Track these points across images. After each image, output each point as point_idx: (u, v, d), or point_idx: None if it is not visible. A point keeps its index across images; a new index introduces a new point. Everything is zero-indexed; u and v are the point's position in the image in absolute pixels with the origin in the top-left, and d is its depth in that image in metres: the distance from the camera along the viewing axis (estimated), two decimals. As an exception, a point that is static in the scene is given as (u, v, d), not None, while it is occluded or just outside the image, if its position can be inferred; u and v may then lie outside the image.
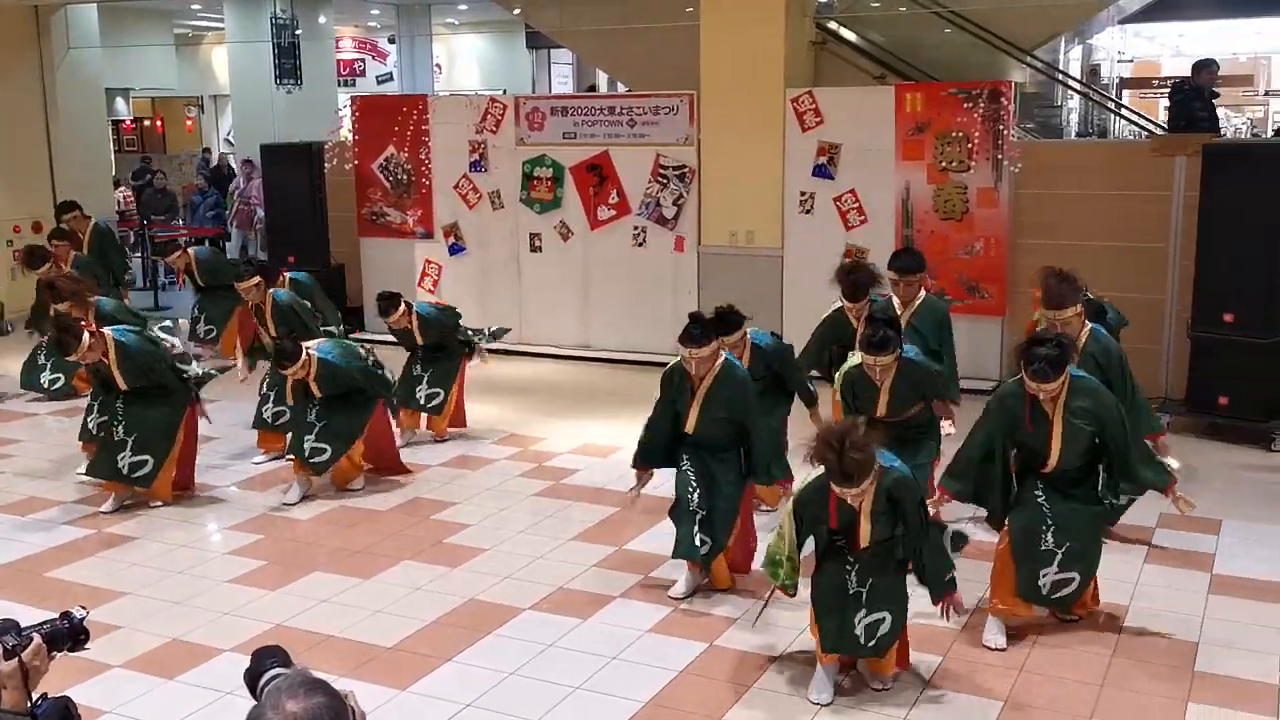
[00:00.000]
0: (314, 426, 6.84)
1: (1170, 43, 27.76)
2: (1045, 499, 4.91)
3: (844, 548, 4.51)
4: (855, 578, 4.43)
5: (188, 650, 4.98)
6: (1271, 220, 7.53)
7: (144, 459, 6.67)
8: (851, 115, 9.40)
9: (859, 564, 4.45)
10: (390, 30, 23.68)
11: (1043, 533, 4.87)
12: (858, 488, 4.21)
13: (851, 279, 6.61)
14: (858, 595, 4.43)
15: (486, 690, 4.60)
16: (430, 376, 7.92)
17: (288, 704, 2.03)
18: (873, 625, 4.44)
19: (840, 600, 4.45)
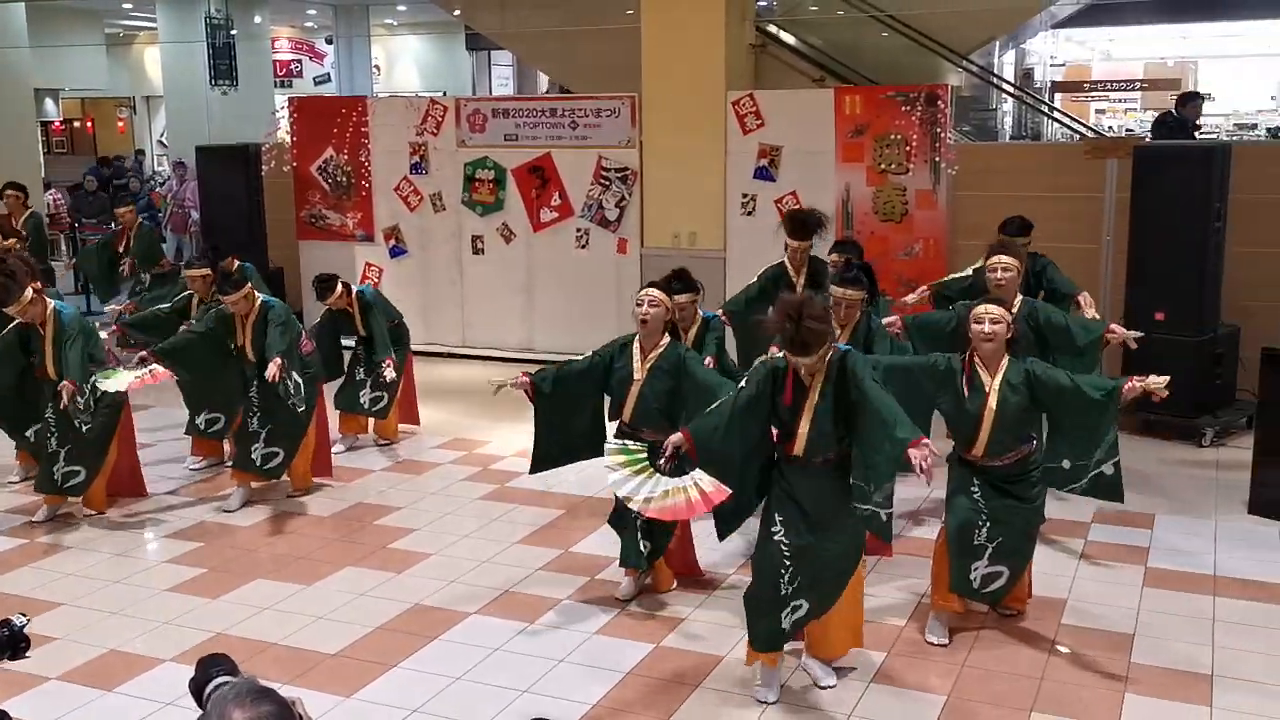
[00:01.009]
0: (259, 434, 6.74)
1: (1100, 47, 28.35)
2: (981, 495, 4.96)
3: (782, 475, 4.49)
4: (788, 570, 4.42)
5: (127, 661, 4.89)
6: (1200, 221, 7.71)
7: (76, 469, 6.53)
8: (792, 118, 9.47)
9: (793, 551, 4.41)
10: (327, 31, 23.46)
11: (977, 528, 4.93)
12: (812, 358, 4.26)
13: (799, 217, 6.76)
14: (789, 594, 4.44)
15: (433, 696, 4.57)
16: (374, 381, 7.84)
17: (234, 713, 2.01)
18: (798, 615, 4.49)
19: (773, 602, 4.46)
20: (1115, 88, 26.24)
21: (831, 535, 4.45)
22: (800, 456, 4.44)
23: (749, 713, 4.44)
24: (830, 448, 4.42)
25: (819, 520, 4.43)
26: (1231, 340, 7.99)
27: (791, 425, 4.43)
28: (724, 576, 5.70)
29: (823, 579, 4.48)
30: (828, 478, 4.44)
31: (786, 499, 4.48)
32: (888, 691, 4.58)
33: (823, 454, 4.43)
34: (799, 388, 4.40)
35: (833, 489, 4.44)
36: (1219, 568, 5.76)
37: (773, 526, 4.47)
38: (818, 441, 4.41)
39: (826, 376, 4.37)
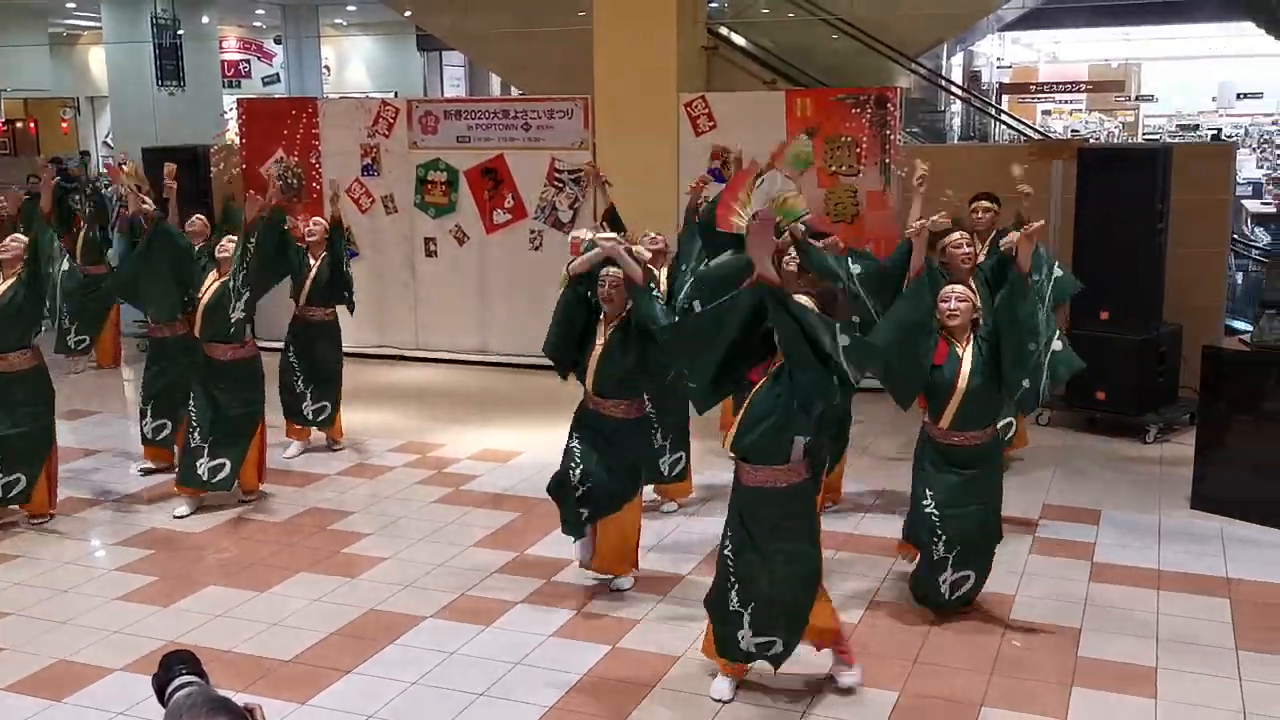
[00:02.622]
0: (202, 449, 6.64)
1: (1046, 50, 28.78)
2: (938, 501, 5.05)
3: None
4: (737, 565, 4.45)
5: (77, 670, 4.83)
6: (1143, 221, 7.86)
7: (16, 477, 6.42)
8: (744, 120, 9.52)
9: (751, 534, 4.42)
10: (276, 31, 23.25)
11: (933, 545, 5.05)
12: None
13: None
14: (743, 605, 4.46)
15: (389, 701, 4.56)
16: (314, 391, 7.80)
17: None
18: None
19: (724, 610, 4.51)
20: (1061, 90, 26.63)
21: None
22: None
23: (705, 712, 4.47)
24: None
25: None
26: (1174, 339, 8.15)
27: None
28: (679, 576, 5.73)
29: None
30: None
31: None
32: (840, 688, 4.62)
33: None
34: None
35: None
36: (1163, 562, 5.88)
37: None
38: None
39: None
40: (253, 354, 6.86)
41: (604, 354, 5.35)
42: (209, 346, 6.74)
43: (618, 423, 5.43)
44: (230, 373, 6.73)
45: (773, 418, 4.20)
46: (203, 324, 6.72)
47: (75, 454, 7.86)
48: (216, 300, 6.65)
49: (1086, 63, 28.01)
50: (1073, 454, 7.75)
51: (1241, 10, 17.31)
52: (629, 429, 5.48)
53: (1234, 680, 4.68)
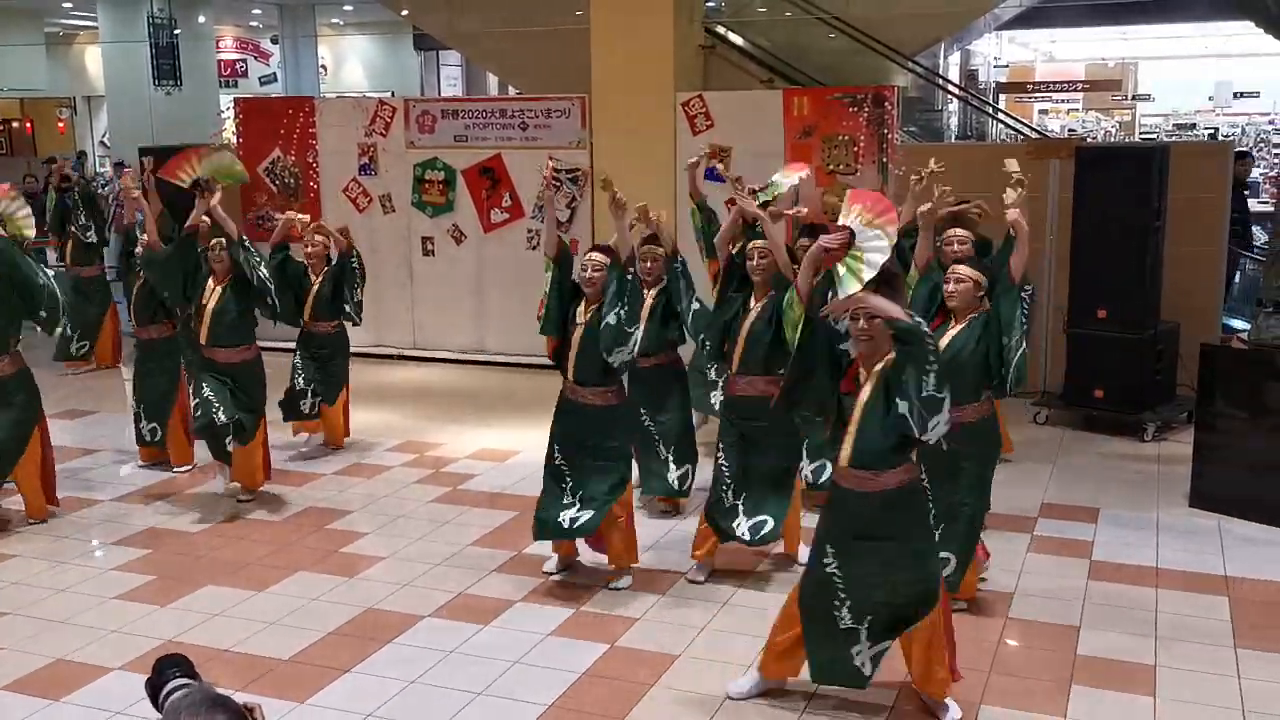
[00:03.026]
0: (228, 427, 6.66)
1: (1043, 49, 28.81)
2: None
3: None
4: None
5: (74, 670, 4.82)
6: (1140, 220, 7.86)
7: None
8: (741, 119, 9.53)
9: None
10: (273, 30, 23.24)
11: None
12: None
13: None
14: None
15: (388, 700, 4.55)
16: (314, 389, 7.76)
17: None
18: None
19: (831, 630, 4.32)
20: (1058, 89, 26.66)
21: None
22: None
23: (704, 711, 4.47)
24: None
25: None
26: (1171, 337, 8.16)
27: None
28: (678, 574, 5.73)
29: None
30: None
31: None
32: (839, 690, 4.62)
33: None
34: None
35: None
36: (1161, 560, 5.88)
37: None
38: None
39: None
40: (256, 355, 6.90)
41: (585, 336, 5.40)
42: (213, 351, 6.76)
43: (598, 411, 5.46)
44: (235, 376, 6.75)
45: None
46: (209, 330, 6.73)
47: (73, 453, 7.85)
48: (222, 306, 6.69)
49: (1083, 62, 28.05)
50: (1071, 452, 7.75)
51: (1236, 9, 17.32)
52: (610, 417, 5.52)
53: (1233, 678, 4.68)
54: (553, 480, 5.58)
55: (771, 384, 5.32)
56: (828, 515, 4.33)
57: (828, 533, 4.30)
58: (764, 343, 5.42)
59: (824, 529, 4.33)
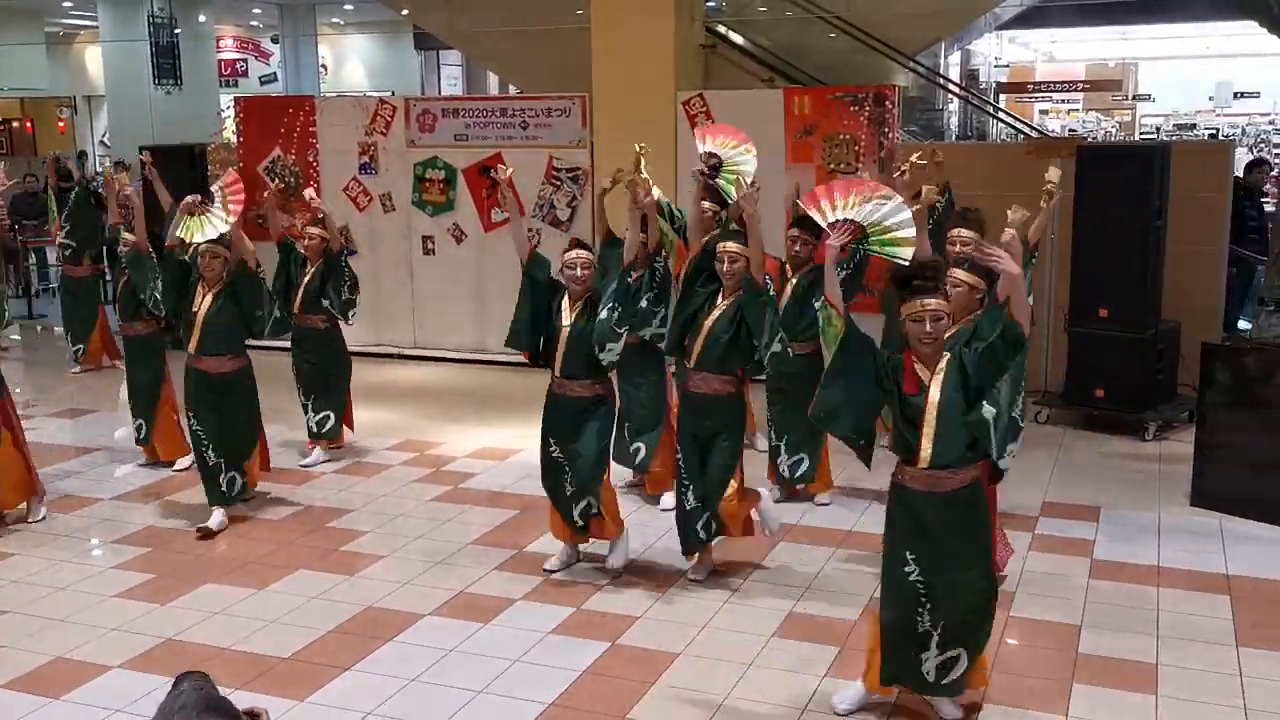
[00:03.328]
0: (220, 465, 6.43)
1: (1043, 49, 28.79)
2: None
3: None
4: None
5: (74, 668, 4.81)
6: (1142, 219, 7.85)
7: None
8: (742, 118, 9.42)
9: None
10: (273, 30, 23.23)
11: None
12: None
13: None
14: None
15: (388, 698, 4.54)
16: (315, 402, 7.62)
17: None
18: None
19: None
20: (1059, 89, 26.64)
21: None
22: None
23: (704, 709, 4.46)
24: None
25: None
26: (1172, 336, 8.15)
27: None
28: (679, 573, 5.72)
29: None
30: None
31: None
32: (843, 686, 4.59)
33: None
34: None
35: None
36: (1163, 559, 5.87)
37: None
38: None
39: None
40: (247, 364, 6.59)
41: (573, 335, 5.52)
42: (201, 360, 6.42)
43: (585, 402, 5.55)
44: (230, 386, 6.47)
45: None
46: (200, 338, 6.39)
47: (70, 452, 7.85)
48: (213, 314, 6.38)
49: (1083, 62, 28.04)
50: (1072, 451, 7.74)
51: (1238, 9, 17.31)
52: (596, 405, 5.58)
53: (1235, 676, 4.67)
54: (551, 475, 5.64)
55: (727, 384, 5.46)
56: (903, 519, 4.15)
57: (906, 537, 4.14)
58: (723, 342, 5.38)
59: (900, 534, 4.17)
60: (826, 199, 4.28)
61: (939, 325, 4.06)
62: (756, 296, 5.31)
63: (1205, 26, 23.97)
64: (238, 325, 6.47)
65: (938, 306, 4.07)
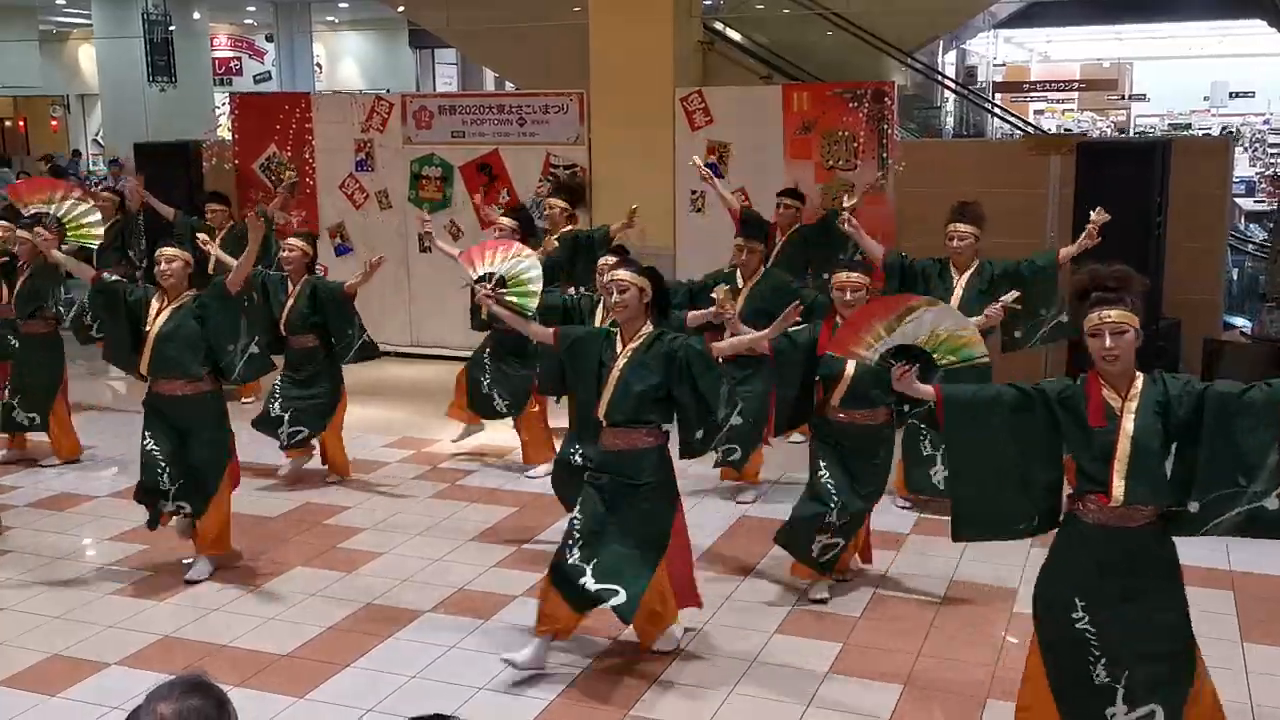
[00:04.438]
0: (169, 492, 5.60)
1: (1039, 49, 28.81)
2: None
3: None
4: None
5: (71, 665, 4.77)
6: (1142, 216, 7.84)
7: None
8: (740, 114, 9.49)
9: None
10: (268, 28, 23.17)
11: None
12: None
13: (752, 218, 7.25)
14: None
15: (388, 695, 4.50)
16: (292, 417, 6.89)
17: (159, 706, 1.99)
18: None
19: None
20: (1055, 88, 26.67)
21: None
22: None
23: (708, 704, 4.43)
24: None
25: None
26: (1173, 333, 8.13)
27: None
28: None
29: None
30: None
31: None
32: (846, 682, 4.59)
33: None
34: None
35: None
36: (1165, 555, 5.84)
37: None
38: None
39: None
40: (214, 387, 5.67)
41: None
42: (158, 383, 5.59)
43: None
44: (184, 416, 5.60)
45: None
46: (152, 358, 5.53)
47: (67, 450, 7.79)
48: (172, 329, 5.51)
49: (1078, 62, 28.07)
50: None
51: (1240, 6, 17.32)
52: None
53: (1240, 672, 4.65)
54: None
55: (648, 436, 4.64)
56: (1071, 561, 3.77)
57: (1077, 585, 3.74)
58: (635, 394, 4.60)
59: (1070, 579, 3.77)
60: (864, 333, 4.19)
61: (1122, 340, 3.63)
62: (708, 368, 4.59)
63: (1201, 26, 24.01)
64: (196, 348, 5.52)
65: (1120, 319, 3.65)
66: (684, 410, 4.64)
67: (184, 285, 5.60)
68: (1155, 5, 21.00)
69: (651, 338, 4.65)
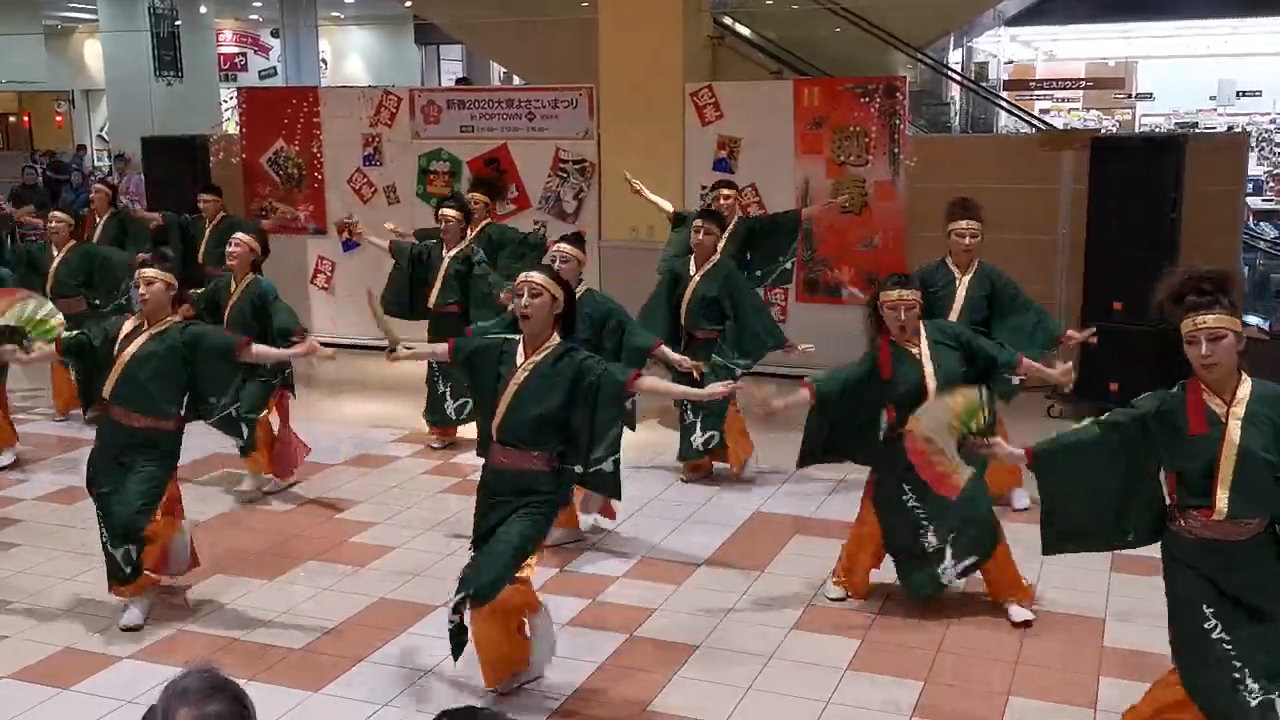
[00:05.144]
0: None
1: (1044, 47, 28.75)
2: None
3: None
4: None
5: (84, 659, 4.73)
6: (1157, 212, 7.78)
7: None
8: (751, 109, 9.44)
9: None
10: (273, 24, 23.12)
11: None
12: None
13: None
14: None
15: (403, 689, 4.47)
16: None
17: (179, 711, 1.93)
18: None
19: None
20: (1061, 86, 26.63)
21: None
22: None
23: (726, 703, 4.39)
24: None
25: None
26: (1186, 329, 8.07)
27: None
28: (695, 563, 5.64)
29: None
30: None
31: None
32: (865, 679, 4.55)
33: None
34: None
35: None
36: (1183, 552, 5.79)
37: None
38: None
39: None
40: (177, 428, 5.18)
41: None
42: (119, 411, 5.07)
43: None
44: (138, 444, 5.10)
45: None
46: (118, 382, 5.01)
47: (78, 444, 7.74)
48: (148, 355, 4.99)
49: (1083, 61, 28.00)
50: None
51: (1244, 3, 17.27)
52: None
53: None
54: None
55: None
56: (1191, 576, 3.70)
57: (1203, 594, 3.66)
58: (533, 417, 4.32)
59: (1195, 594, 3.69)
60: (938, 465, 4.40)
61: (1219, 346, 3.51)
62: (614, 403, 4.30)
63: (1208, 25, 23.93)
64: (172, 385, 5.04)
65: (1217, 324, 3.51)
66: (574, 436, 4.30)
67: (166, 309, 5.05)
68: (1161, 3, 20.95)
69: (558, 351, 4.29)
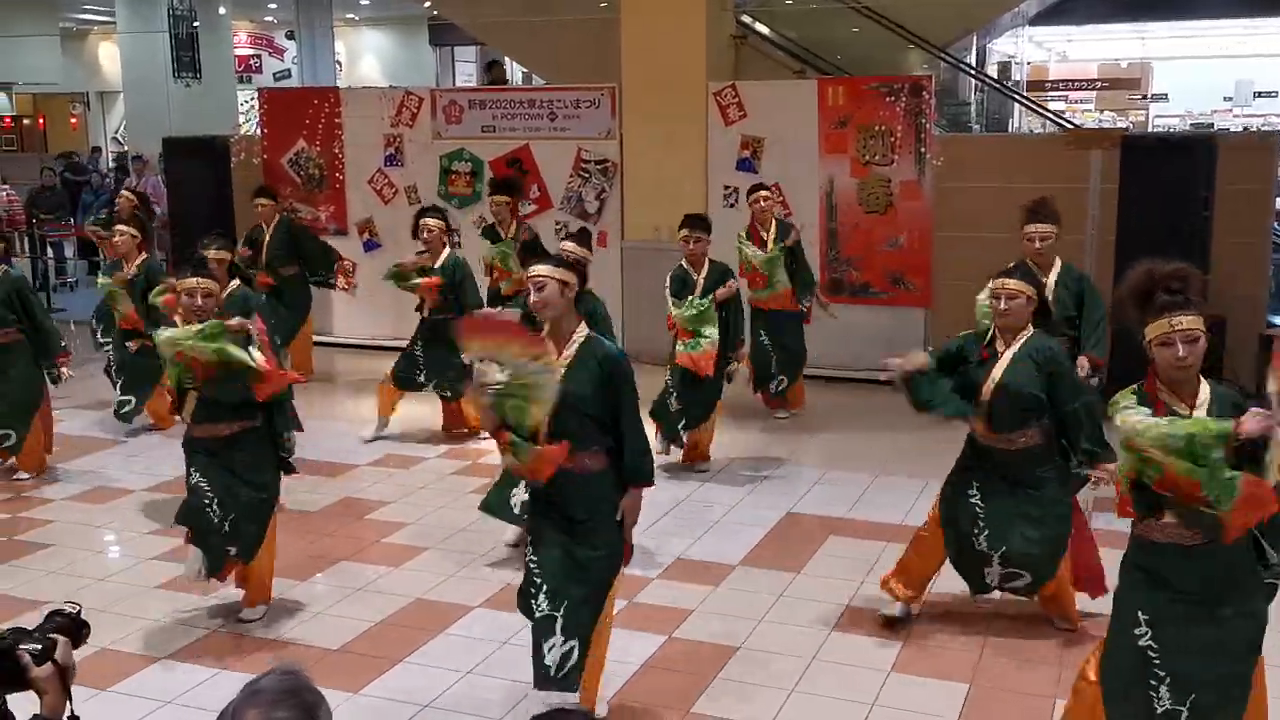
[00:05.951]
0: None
1: (1058, 48, 28.65)
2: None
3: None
4: None
5: (121, 660, 4.71)
6: (1188, 211, 7.74)
7: (6, 432, 6.79)
8: (775, 109, 9.40)
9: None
10: (289, 25, 23.14)
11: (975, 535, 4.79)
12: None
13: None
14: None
15: (445, 690, 4.44)
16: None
17: (248, 711, 1.91)
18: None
19: None
20: (1078, 87, 26.56)
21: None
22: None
23: (770, 704, 4.35)
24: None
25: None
26: (1219, 329, 8.01)
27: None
28: (730, 566, 5.61)
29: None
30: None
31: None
32: (909, 681, 4.51)
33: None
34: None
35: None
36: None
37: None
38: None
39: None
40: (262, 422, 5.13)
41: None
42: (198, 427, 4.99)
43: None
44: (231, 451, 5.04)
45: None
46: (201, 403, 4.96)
47: (106, 444, 7.74)
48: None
49: (1097, 61, 27.89)
50: (1116, 447, 7.60)
51: (1262, 3, 17.17)
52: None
53: (1275, 668, 4.56)
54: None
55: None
56: (1140, 576, 3.56)
57: (1146, 599, 3.51)
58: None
59: (1137, 594, 3.55)
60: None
61: (1194, 348, 3.36)
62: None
63: (1224, 25, 23.82)
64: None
65: (1193, 325, 3.37)
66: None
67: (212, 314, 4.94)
68: (1176, 3, 20.86)
69: (583, 343, 4.03)
